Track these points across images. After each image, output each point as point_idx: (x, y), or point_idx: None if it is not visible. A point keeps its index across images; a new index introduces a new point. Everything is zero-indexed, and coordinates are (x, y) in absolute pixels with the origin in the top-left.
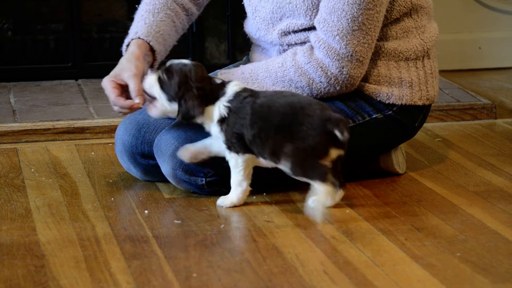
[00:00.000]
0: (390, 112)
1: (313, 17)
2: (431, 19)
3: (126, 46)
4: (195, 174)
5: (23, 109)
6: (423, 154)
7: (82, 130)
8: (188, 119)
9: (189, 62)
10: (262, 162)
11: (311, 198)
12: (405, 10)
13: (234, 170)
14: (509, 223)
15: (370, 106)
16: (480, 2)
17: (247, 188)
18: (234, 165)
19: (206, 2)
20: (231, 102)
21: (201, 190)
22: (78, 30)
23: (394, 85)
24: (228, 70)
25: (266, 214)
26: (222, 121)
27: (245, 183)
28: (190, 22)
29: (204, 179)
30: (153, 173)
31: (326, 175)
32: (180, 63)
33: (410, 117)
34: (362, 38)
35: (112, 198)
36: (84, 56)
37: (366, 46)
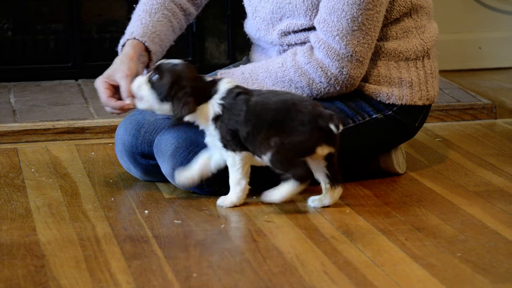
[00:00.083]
0: (390, 112)
1: (313, 17)
2: (431, 19)
3: (122, 46)
4: None
5: (23, 109)
6: (423, 154)
7: (82, 130)
8: (181, 120)
9: (179, 62)
10: (259, 160)
11: (311, 198)
12: (405, 10)
13: (232, 168)
14: (509, 223)
15: (370, 106)
16: (480, 2)
17: (246, 186)
18: (232, 163)
19: (205, 2)
20: (224, 99)
21: (201, 190)
22: (78, 30)
23: (394, 85)
24: (228, 70)
25: (266, 214)
26: (216, 118)
27: (243, 182)
28: (188, 22)
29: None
30: (153, 173)
31: (304, 176)
32: (170, 63)
33: (410, 117)
34: (362, 38)
35: (112, 198)
36: (84, 56)
37: (366, 46)
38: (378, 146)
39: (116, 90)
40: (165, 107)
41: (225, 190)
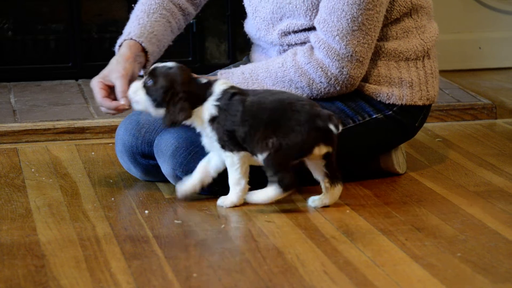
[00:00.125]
0: (390, 112)
1: (313, 17)
2: (431, 19)
3: (119, 47)
4: None
5: (24, 109)
6: (423, 154)
7: (82, 130)
8: (174, 124)
9: (173, 65)
10: (257, 160)
11: (311, 198)
12: (405, 10)
13: (231, 168)
14: (509, 223)
15: (370, 106)
16: (480, 2)
17: (246, 186)
18: (231, 163)
19: (204, 2)
20: (220, 100)
21: (201, 190)
22: (78, 30)
23: (394, 85)
24: (228, 70)
25: (266, 214)
26: (212, 120)
27: (243, 181)
28: (187, 22)
29: None
30: (153, 173)
31: (289, 185)
32: (164, 67)
33: (410, 117)
34: (362, 38)
35: (112, 198)
36: (84, 56)
37: (366, 46)
38: (378, 146)
39: (111, 91)
40: (161, 112)
41: (225, 190)
